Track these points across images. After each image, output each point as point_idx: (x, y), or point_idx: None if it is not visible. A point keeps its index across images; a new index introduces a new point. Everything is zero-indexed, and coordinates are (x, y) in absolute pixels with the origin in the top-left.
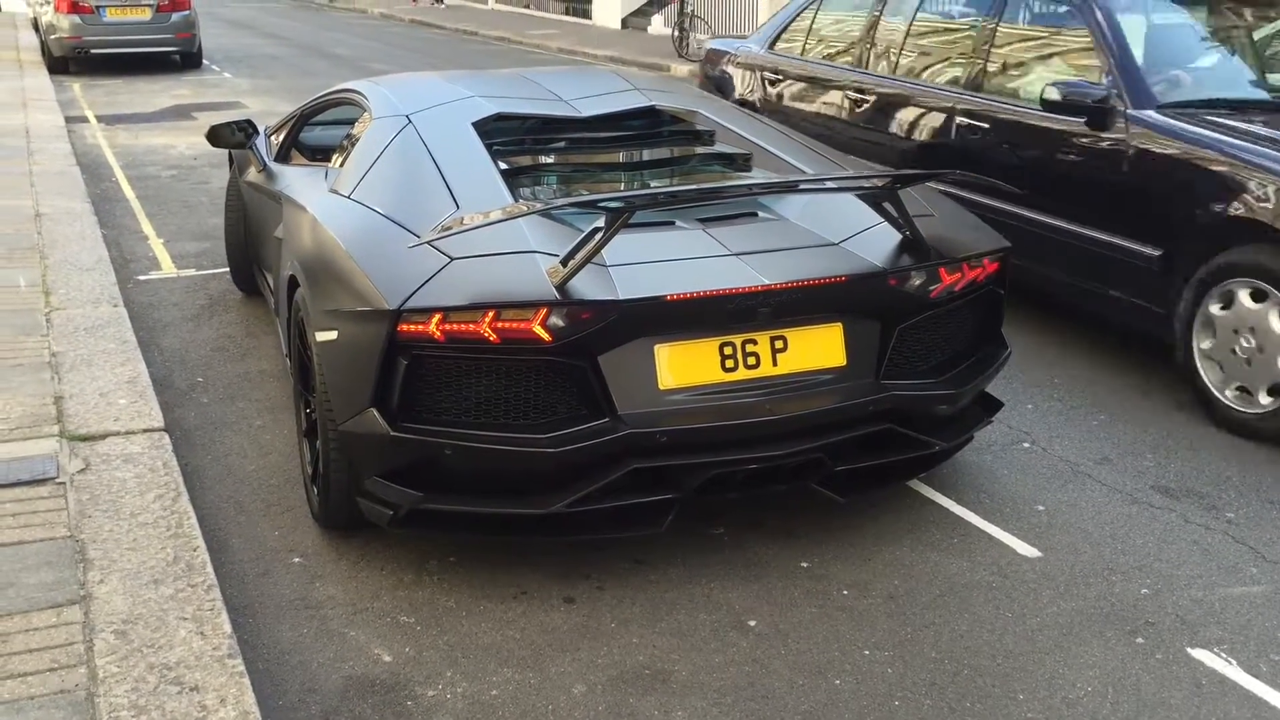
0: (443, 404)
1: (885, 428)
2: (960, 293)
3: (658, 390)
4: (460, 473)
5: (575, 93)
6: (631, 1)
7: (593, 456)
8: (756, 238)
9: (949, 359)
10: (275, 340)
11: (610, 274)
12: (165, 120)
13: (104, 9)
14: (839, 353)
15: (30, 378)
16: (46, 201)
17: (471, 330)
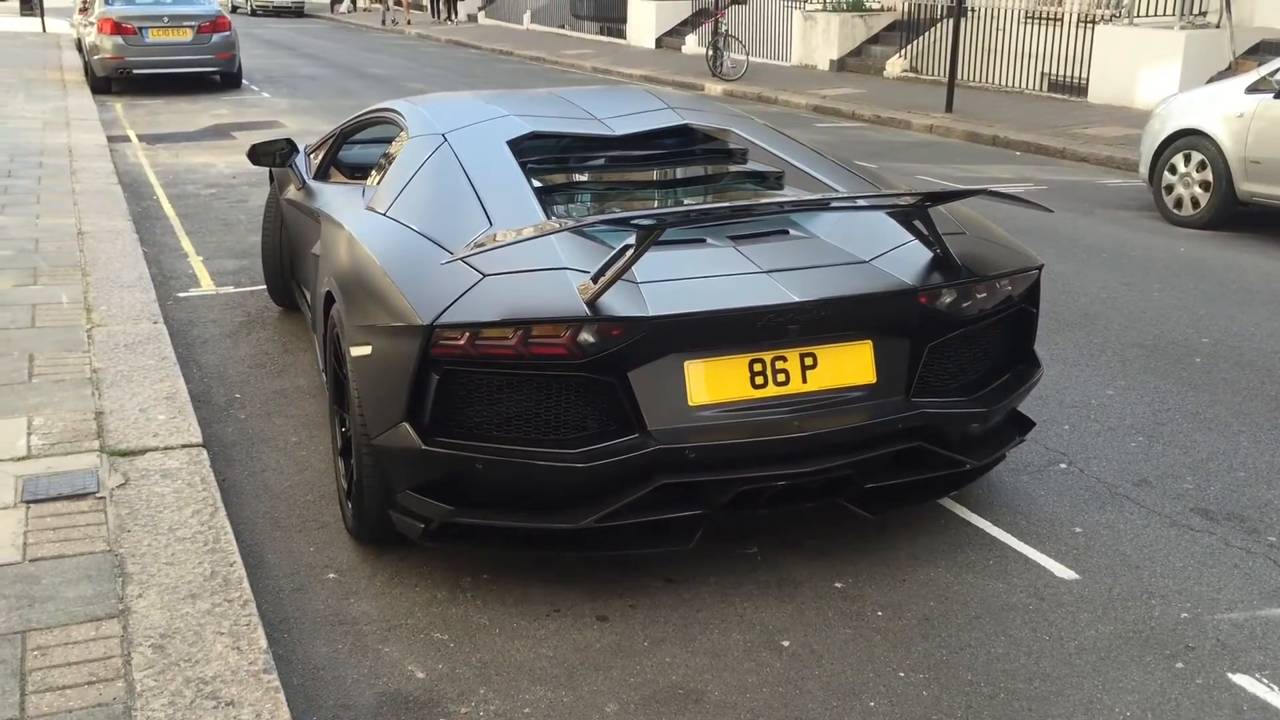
0: (474, 418)
1: (915, 445)
2: (991, 311)
3: (687, 406)
4: (491, 487)
5: (609, 111)
6: (665, 21)
7: (622, 472)
8: (787, 255)
9: (980, 377)
10: (311, 357)
11: (641, 291)
12: (205, 139)
13: (146, 30)
14: (869, 370)
15: (72, 393)
16: (89, 219)
17: (503, 346)
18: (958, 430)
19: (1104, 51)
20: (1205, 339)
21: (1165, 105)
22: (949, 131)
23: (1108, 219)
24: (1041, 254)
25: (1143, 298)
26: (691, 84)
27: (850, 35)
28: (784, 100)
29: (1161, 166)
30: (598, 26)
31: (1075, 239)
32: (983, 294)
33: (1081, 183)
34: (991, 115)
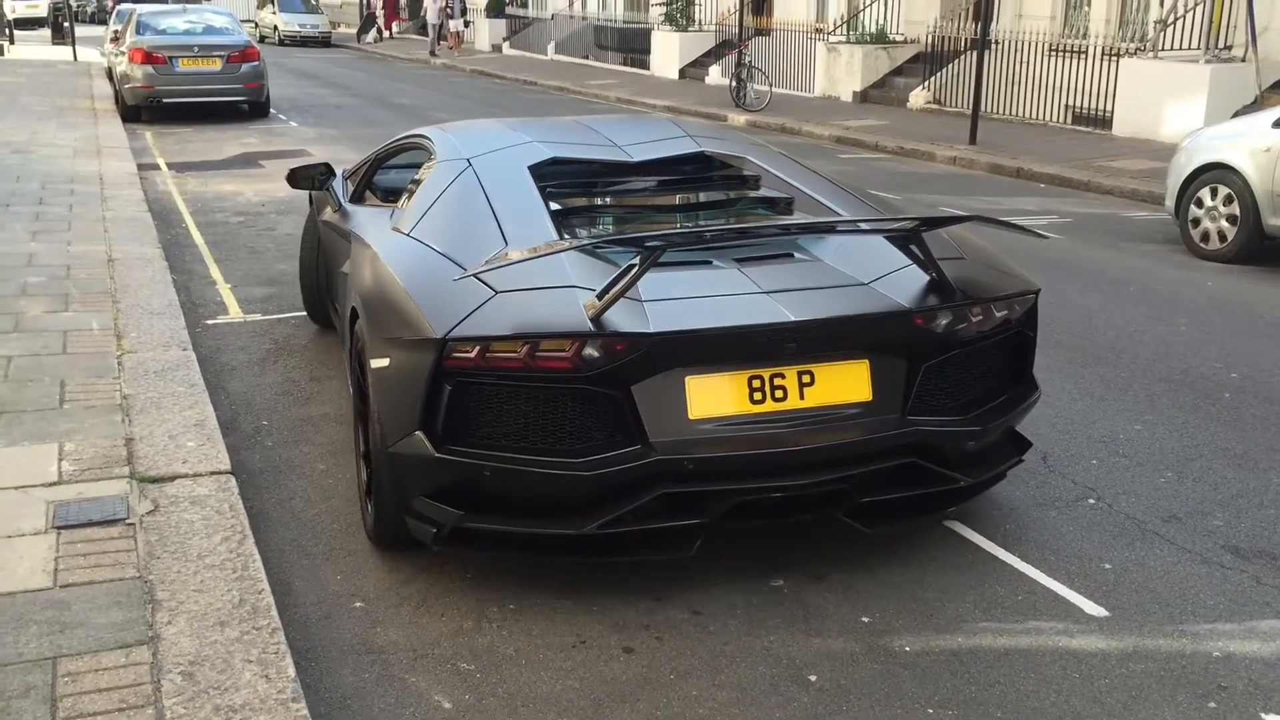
0: (484, 428)
1: (910, 462)
2: (987, 333)
3: (687, 420)
4: (499, 494)
5: (629, 139)
6: (689, 52)
7: (624, 481)
8: (789, 277)
9: (976, 397)
10: (338, 384)
11: (645, 308)
12: (234, 168)
13: (177, 59)
14: (865, 388)
15: (102, 420)
16: (119, 247)
17: (512, 359)
18: (953, 448)
19: (1129, 84)
20: (1234, 374)
21: (1192, 139)
22: (973, 164)
23: (1134, 252)
24: (1067, 287)
25: (1170, 332)
26: (715, 115)
27: (873, 67)
28: (807, 131)
29: (1188, 200)
30: (621, 57)
31: (1101, 272)
32: (978, 317)
33: (1107, 216)
34: (1016, 147)
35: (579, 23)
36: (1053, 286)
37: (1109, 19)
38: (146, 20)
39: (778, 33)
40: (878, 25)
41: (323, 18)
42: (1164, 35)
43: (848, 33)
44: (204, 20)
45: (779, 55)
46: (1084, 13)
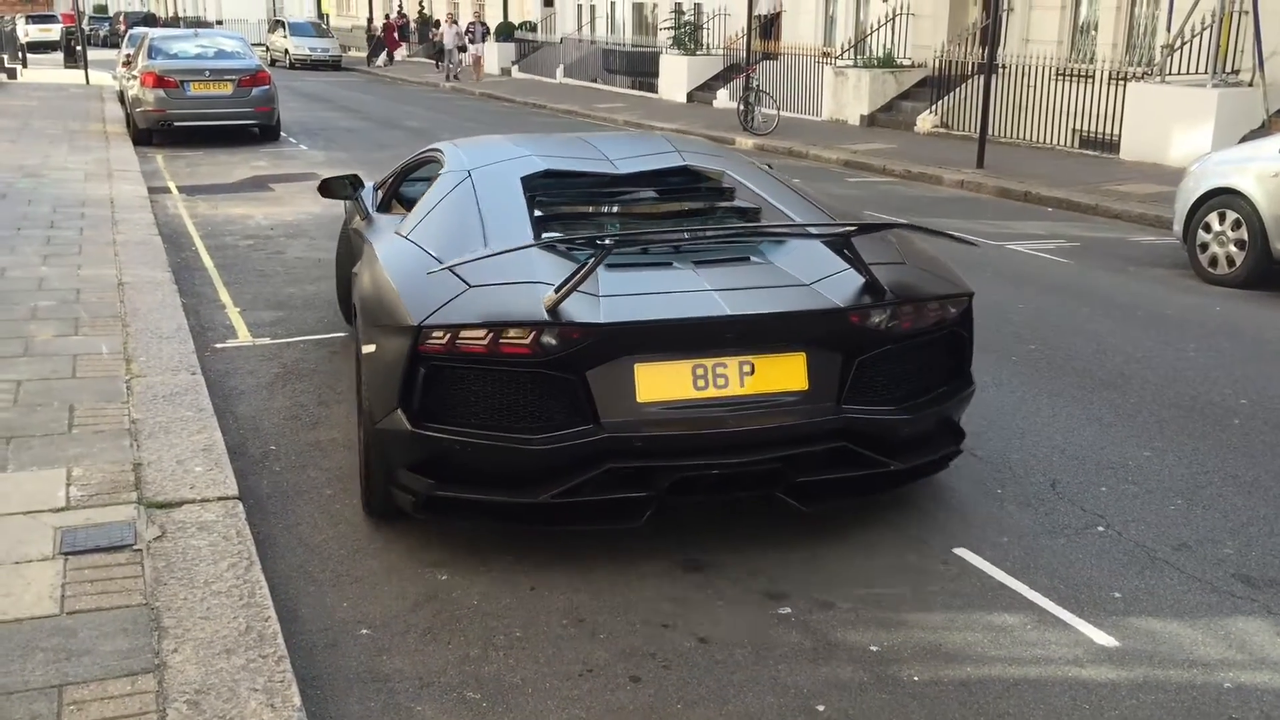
0: (454, 407)
1: (841, 445)
2: (920, 331)
3: (636, 403)
4: (468, 466)
5: (620, 154)
6: (697, 76)
7: (576, 456)
8: (738, 278)
9: (910, 389)
10: (346, 409)
11: (600, 302)
12: (244, 191)
13: (188, 83)
14: (802, 378)
15: (111, 444)
16: (129, 270)
17: (478, 345)
18: (886, 435)
19: (1136, 109)
20: (1243, 400)
21: (1199, 164)
22: (980, 187)
23: (1142, 277)
24: (1075, 312)
25: (1179, 357)
26: (722, 138)
27: (881, 91)
28: (815, 155)
29: (1196, 225)
30: (630, 81)
31: (1109, 297)
32: (909, 316)
33: (1114, 240)
34: (1023, 171)
35: (587, 47)
36: (1060, 311)
37: (1116, 43)
38: (158, 44)
39: (785, 57)
40: (885, 50)
41: (333, 41)
42: (1171, 60)
43: (855, 57)
44: (215, 44)
45: (787, 79)
46: (1091, 37)
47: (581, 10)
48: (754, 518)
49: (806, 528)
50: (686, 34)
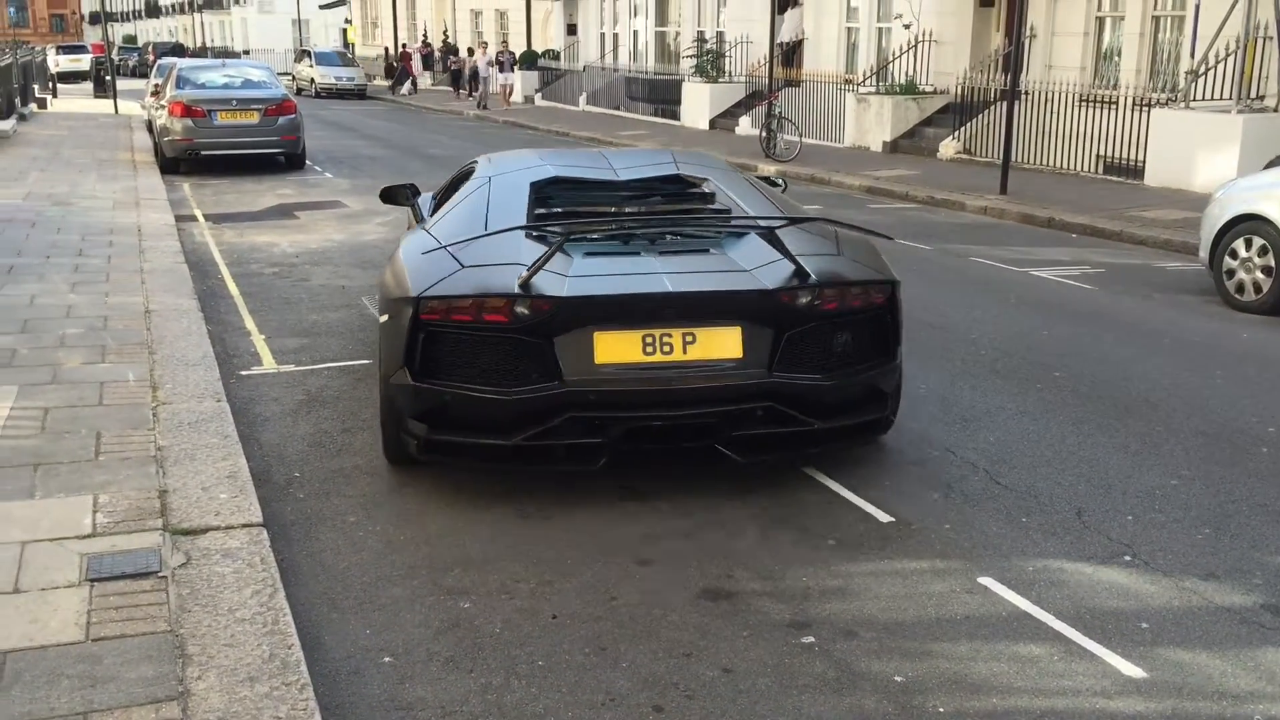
0: (446, 366)
1: (769, 405)
2: (844, 311)
3: (594, 364)
4: (458, 414)
5: (625, 164)
6: (719, 103)
7: (541, 407)
8: (690, 264)
9: (834, 361)
10: (370, 436)
11: (566, 280)
12: (269, 219)
13: (215, 113)
14: (737, 348)
15: (136, 471)
16: (156, 298)
17: (465, 313)
18: (809, 398)
19: (1160, 135)
20: (1271, 428)
21: (1225, 190)
22: (1003, 213)
23: (1168, 303)
24: (1100, 338)
25: (1206, 385)
26: (745, 164)
27: (903, 117)
28: (837, 181)
29: (1222, 251)
30: (652, 108)
31: (1135, 324)
32: (832, 298)
33: (1140, 266)
34: (1047, 197)
35: (610, 74)
36: (1085, 337)
37: (1139, 69)
38: (186, 74)
39: (808, 84)
40: (907, 77)
41: (358, 70)
42: (1195, 86)
43: (877, 84)
44: (242, 74)
45: (809, 106)
46: (1114, 63)
47: (604, 38)
48: (776, 546)
49: (829, 555)
50: (709, 61)
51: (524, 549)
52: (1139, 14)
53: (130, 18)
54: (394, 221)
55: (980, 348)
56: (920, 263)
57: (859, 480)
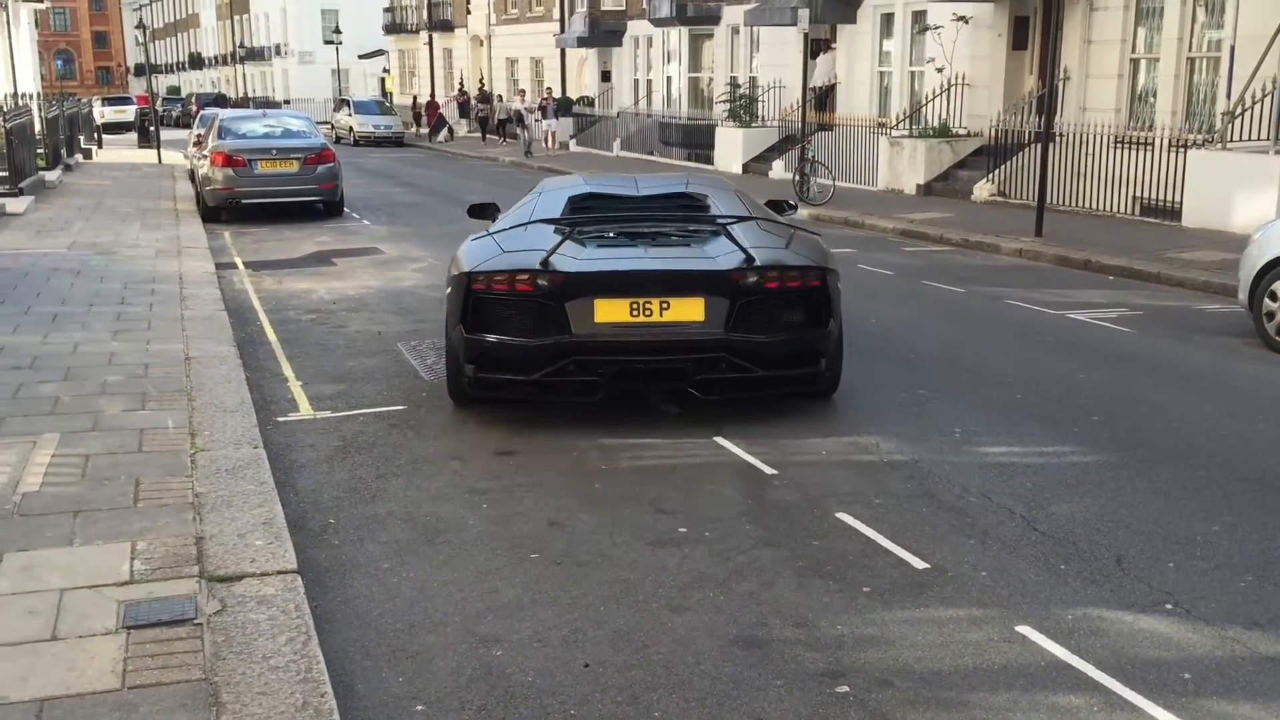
0: (489, 322)
1: (723, 356)
2: (784, 289)
3: (594, 322)
4: (497, 359)
5: (647, 184)
6: (753, 147)
7: (555, 352)
8: (670, 253)
9: (777, 326)
10: (404, 482)
11: (576, 262)
12: (307, 266)
13: (256, 162)
14: (700, 314)
15: (174, 518)
16: (196, 345)
17: (502, 284)
18: (754, 352)
19: (1197, 176)
20: None
21: (1263, 231)
22: (1039, 256)
23: (1207, 346)
24: (1139, 381)
25: (1248, 429)
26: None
27: (937, 160)
28: (870, 224)
29: (1261, 293)
30: (686, 153)
31: (1175, 366)
32: (773, 279)
33: (1178, 308)
34: (1082, 239)
35: (644, 120)
36: (1124, 380)
37: (1175, 111)
38: (228, 125)
39: (841, 128)
40: (940, 120)
41: (395, 119)
42: (1232, 127)
43: (910, 127)
44: (282, 124)
45: (842, 150)
46: (1149, 105)
47: (638, 85)
48: (810, 593)
49: (864, 603)
50: (742, 106)
51: (557, 596)
52: (1174, 56)
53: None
54: (429, 268)
55: (1016, 391)
56: (955, 306)
57: (894, 526)
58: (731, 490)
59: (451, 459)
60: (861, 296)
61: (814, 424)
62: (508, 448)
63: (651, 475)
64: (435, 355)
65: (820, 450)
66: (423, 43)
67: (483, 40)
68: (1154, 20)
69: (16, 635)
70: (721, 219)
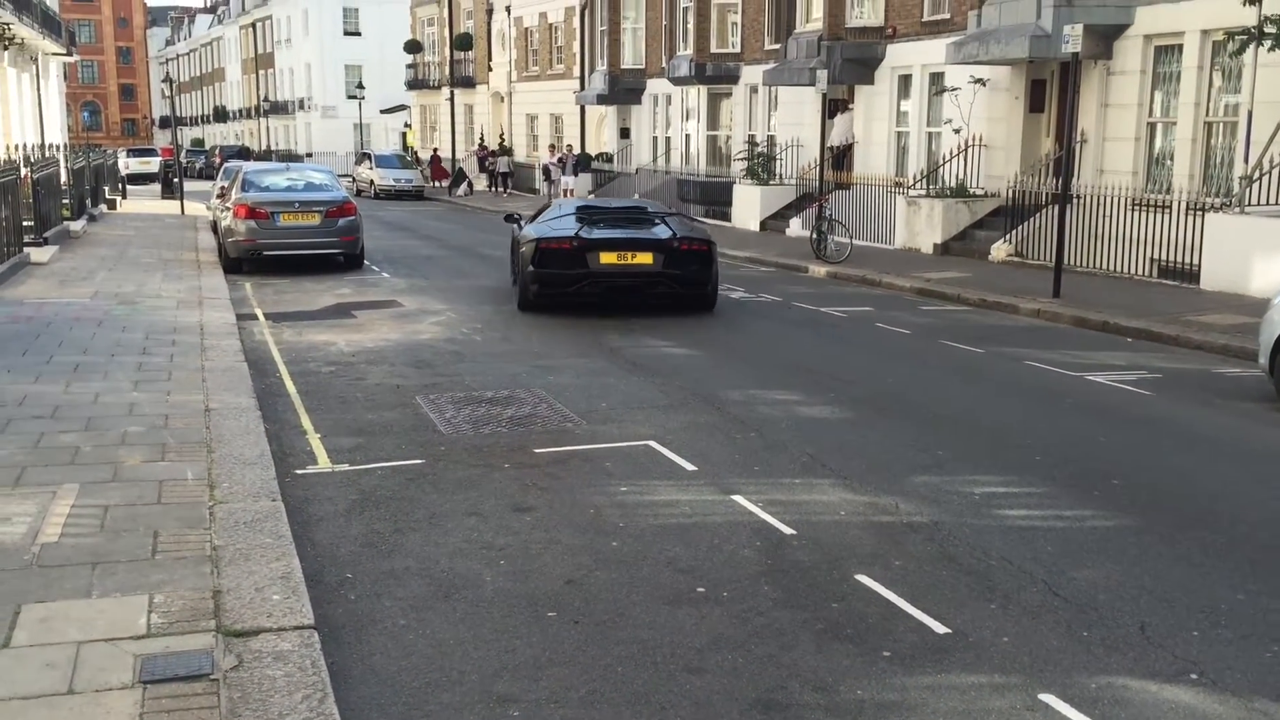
0: (546, 264)
1: (660, 279)
2: (690, 249)
3: (599, 263)
4: (549, 281)
5: (618, 201)
6: (770, 205)
7: (579, 278)
8: (637, 231)
9: (688, 266)
10: (421, 537)
11: (588, 234)
12: (327, 318)
13: (278, 215)
14: (650, 260)
15: (191, 571)
16: (216, 396)
17: (551, 245)
18: (679, 278)
19: (1216, 239)
20: None
21: None
22: (1057, 317)
23: (1227, 410)
24: (1159, 445)
25: (1271, 495)
26: (795, 265)
27: (954, 220)
28: (888, 283)
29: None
30: (703, 210)
31: (1195, 431)
32: (686, 243)
33: (1198, 371)
34: (1100, 301)
35: (662, 176)
36: (1145, 444)
37: (1192, 174)
38: (251, 178)
39: (858, 187)
40: (958, 180)
41: (415, 172)
42: (1250, 191)
43: (928, 187)
44: (305, 177)
45: (859, 208)
46: (1166, 168)
47: (656, 142)
48: (830, 656)
49: (885, 667)
50: (760, 164)
51: (574, 655)
52: (1190, 120)
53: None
54: (447, 322)
55: (1036, 453)
56: (973, 366)
57: (914, 589)
58: (749, 550)
59: (469, 514)
60: (879, 355)
61: (832, 483)
62: (525, 504)
63: (669, 534)
64: (453, 409)
65: (839, 510)
66: (444, 98)
67: (503, 97)
68: (1171, 85)
69: (34, 688)
70: (658, 217)
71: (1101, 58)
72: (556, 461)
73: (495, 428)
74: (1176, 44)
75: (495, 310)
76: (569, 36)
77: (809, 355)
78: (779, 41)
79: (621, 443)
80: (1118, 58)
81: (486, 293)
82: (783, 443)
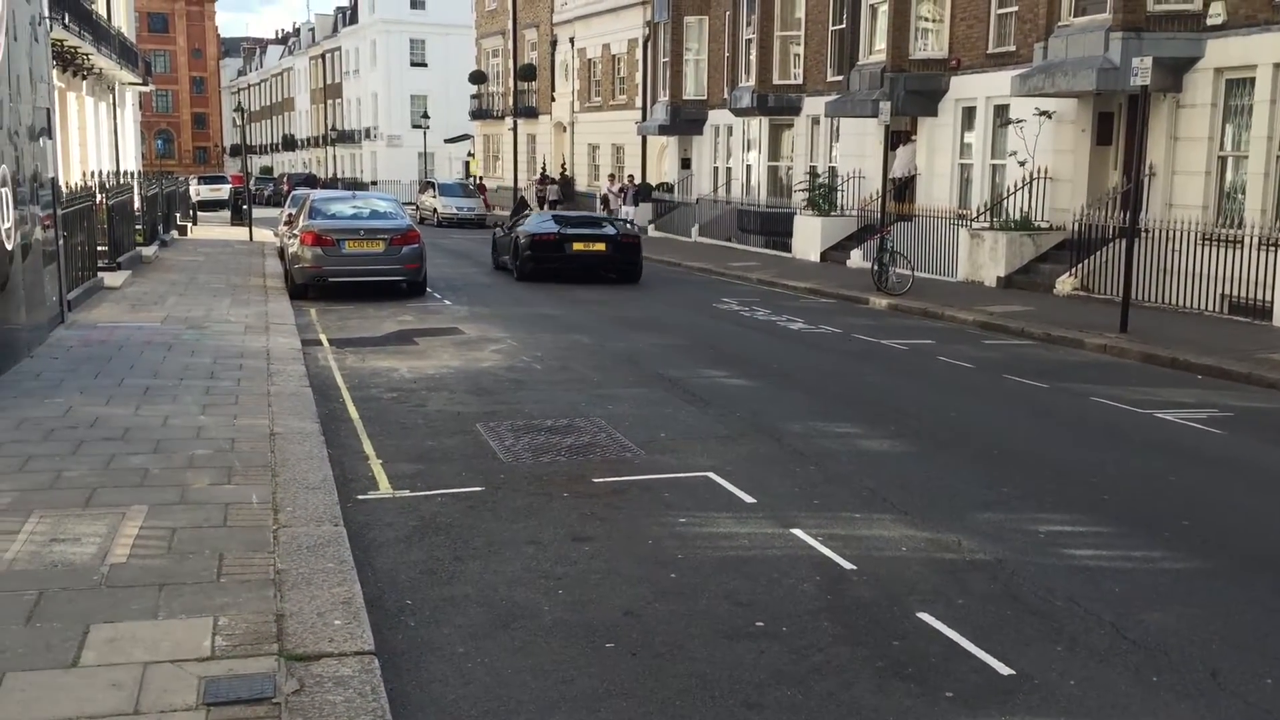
0: (535, 252)
1: (611, 262)
2: (628, 242)
3: (573, 250)
4: (540, 259)
5: (580, 214)
6: (831, 236)
7: (558, 259)
8: (595, 229)
9: (625, 251)
10: (481, 565)
11: (564, 231)
12: (390, 344)
13: (344, 242)
14: (604, 248)
15: (256, 594)
16: (281, 421)
17: (541, 237)
18: (624, 258)
19: None
20: None
21: None
22: (1124, 352)
23: None
24: (1231, 486)
25: None
26: (856, 297)
27: (1018, 253)
28: (950, 316)
29: None
30: (764, 240)
31: (1267, 471)
32: (627, 237)
33: (1271, 410)
34: (1169, 337)
35: (723, 207)
36: (1216, 484)
37: (1265, 209)
38: (319, 206)
39: (920, 219)
40: (1022, 213)
41: (478, 201)
42: None
43: (991, 219)
44: (370, 205)
45: (921, 240)
46: (1238, 202)
47: (717, 172)
48: (891, 696)
49: (947, 709)
50: (821, 195)
51: (632, 688)
52: (1263, 154)
53: (268, 150)
54: (508, 350)
55: (1104, 491)
56: (1038, 401)
57: (977, 628)
58: (809, 584)
59: (528, 543)
60: (941, 389)
61: (894, 518)
62: (584, 533)
63: (728, 566)
64: (513, 437)
65: (900, 546)
66: (507, 128)
67: (566, 126)
68: (1242, 118)
69: (101, 708)
70: (605, 222)
71: (1171, 90)
72: (615, 491)
73: (554, 456)
74: (1249, 77)
75: (554, 339)
76: (631, 68)
77: (869, 388)
78: (841, 73)
79: (680, 473)
80: (1188, 90)
81: (545, 320)
82: (843, 476)
